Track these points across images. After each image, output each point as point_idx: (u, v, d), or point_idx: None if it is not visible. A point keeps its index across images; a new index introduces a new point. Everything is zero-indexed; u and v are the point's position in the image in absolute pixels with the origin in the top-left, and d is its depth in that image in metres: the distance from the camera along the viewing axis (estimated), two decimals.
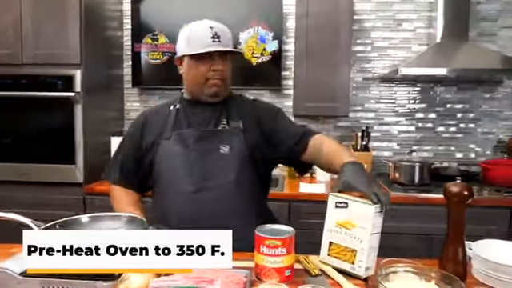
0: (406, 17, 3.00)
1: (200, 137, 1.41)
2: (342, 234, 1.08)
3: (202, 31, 1.35)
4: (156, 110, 1.55)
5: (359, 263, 1.05)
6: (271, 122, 1.48)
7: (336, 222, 1.08)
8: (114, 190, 1.54)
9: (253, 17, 2.97)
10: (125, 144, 1.55)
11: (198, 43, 1.34)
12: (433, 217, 2.39)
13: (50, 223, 1.15)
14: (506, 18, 2.92)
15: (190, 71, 1.40)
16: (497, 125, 3.01)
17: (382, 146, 3.09)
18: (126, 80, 3.16)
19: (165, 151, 1.41)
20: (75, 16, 2.52)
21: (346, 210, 1.07)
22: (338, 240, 1.08)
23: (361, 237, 1.04)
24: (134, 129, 1.53)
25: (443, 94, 3.03)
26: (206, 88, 1.40)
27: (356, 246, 1.05)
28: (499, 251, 1.19)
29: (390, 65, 3.04)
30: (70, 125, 2.57)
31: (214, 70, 1.37)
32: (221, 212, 1.35)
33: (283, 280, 1.05)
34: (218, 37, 1.34)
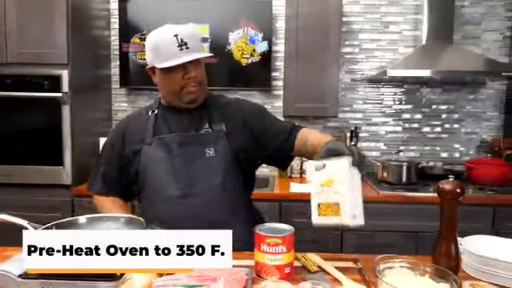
0: (392, 19, 3.05)
1: (183, 141, 1.38)
2: (325, 192, 1.10)
3: (168, 41, 1.29)
4: (134, 116, 1.51)
5: (344, 214, 1.07)
6: (260, 122, 1.47)
7: (319, 183, 1.11)
8: (99, 200, 1.50)
9: (242, 17, 2.98)
10: (105, 153, 1.51)
11: (165, 54, 1.30)
12: (420, 215, 2.46)
13: (47, 225, 1.14)
14: (489, 21, 3.01)
15: (164, 82, 1.38)
16: (480, 125, 3.10)
17: (370, 146, 3.14)
18: (114, 80, 3.12)
19: (148, 157, 1.38)
20: (62, 14, 2.48)
21: (324, 170, 1.10)
22: (323, 199, 1.10)
23: (341, 190, 1.07)
24: (114, 137, 1.48)
25: (429, 95, 3.10)
26: (183, 96, 1.37)
27: (338, 199, 1.07)
28: (487, 246, 1.24)
29: (377, 66, 3.09)
30: (57, 126, 2.52)
31: (188, 78, 1.34)
32: (209, 216, 1.34)
33: (283, 277, 1.07)
34: (184, 43, 1.29)
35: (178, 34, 1.29)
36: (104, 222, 1.20)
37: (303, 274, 1.13)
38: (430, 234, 2.35)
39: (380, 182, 2.75)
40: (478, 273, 1.15)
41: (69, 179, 2.56)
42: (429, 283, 1.01)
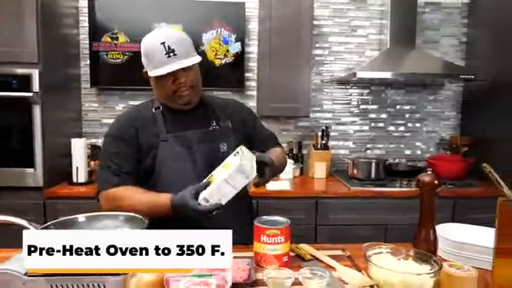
0: (360, 24, 3.20)
1: (202, 138, 1.44)
2: (219, 169, 1.22)
3: (156, 49, 1.32)
4: (136, 113, 1.50)
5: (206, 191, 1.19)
6: (253, 126, 1.61)
7: (224, 162, 1.23)
8: (115, 192, 1.39)
9: (216, 18, 3.01)
10: (115, 148, 1.44)
11: (154, 62, 1.34)
12: (388, 208, 2.61)
13: (45, 224, 1.13)
14: (446, 27, 3.23)
15: (157, 87, 1.43)
16: (439, 124, 3.31)
17: (339, 144, 3.27)
18: (84, 80, 3.06)
19: (165, 153, 1.40)
20: (31, 12, 2.41)
21: (233, 158, 1.21)
22: (215, 173, 1.23)
23: (220, 175, 1.19)
24: (123, 131, 1.44)
25: (393, 96, 3.27)
26: (176, 99, 1.41)
27: (215, 179, 1.19)
28: (457, 232, 1.38)
29: (345, 68, 3.22)
30: (27, 126, 2.45)
31: (179, 83, 1.37)
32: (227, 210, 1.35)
33: (282, 265, 1.14)
34: (172, 51, 1.31)
35: (165, 42, 1.32)
36: (103, 220, 1.20)
37: (298, 262, 1.20)
38: (398, 227, 2.53)
39: (350, 178, 2.89)
40: (451, 256, 1.28)
41: (40, 181, 2.49)
42: (413, 265, 1.12)
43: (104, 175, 1.42)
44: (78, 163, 2.66)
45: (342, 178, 2.90)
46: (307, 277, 1.03)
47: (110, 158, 1.42)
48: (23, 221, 1.13)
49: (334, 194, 2.63)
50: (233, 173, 1.16)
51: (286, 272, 1.05)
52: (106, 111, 3.13)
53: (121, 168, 1.40)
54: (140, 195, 1.35)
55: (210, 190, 1.17)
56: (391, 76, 2.76)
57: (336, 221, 2.61)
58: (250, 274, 1.05)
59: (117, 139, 1.44)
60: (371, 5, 3.18)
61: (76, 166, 2.66)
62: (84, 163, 2.69)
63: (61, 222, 1.16)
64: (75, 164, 2.66)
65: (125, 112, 1.56)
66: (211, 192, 1.17)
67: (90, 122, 3.13)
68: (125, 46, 2.97)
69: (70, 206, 2.46)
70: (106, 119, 3.13)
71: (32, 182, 2.49)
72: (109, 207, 1.36)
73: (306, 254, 1.25)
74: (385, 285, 1.02)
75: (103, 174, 1.43)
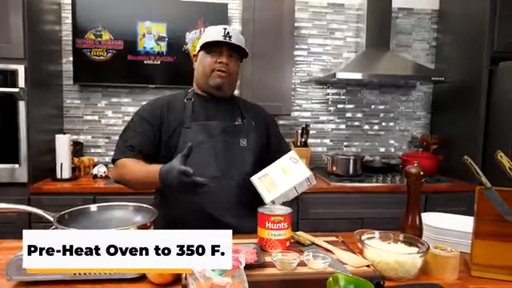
0: (337, 26, 3.34)
1: (224, 129, 1.54)
2: (278, 173, 1.33)
3: (217, 30, 1.51)
4: (169, 100, 1.60)
5: (271, 195, 1.30)
6: (275, 133, 1.75)
7: (281, 166, 1.35)
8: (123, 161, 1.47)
9: (199, 18, 3.07)
10: (139, 127, 1.52)
11: (211, 37, 1.50)
12: (365, 203, 2.75)
13: (60, 213, 1.18)
14: (418, 32, 3.43)
15: (200, 63, 1.55)
16: (411, 123, 3.51)
17: (317, 142, 3.41)
18: (67, 76, 3.05)
19: (188, 139, 1.46)
20: (17, 8, 2.41)
21: (293, 164, 1.35)
22: (273, 175, 1.34)
23: (287, 182, 1.31)
24: (152, 114, 1.53)
25: (368, 96, 3.44)
26: (211, 79, 1.53)
27: (279, 185, 1.31)
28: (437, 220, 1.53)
29: (323, 69, 3.36)
30: (12, 122, 2.44)
31: (220, 62, 1.50)
32: (239, 199, 1.51)
33: (285, 249, 1.23)
34: (229, 36, 1.49)
35: (226, 28, 1.51)
36: (114, 210, 1.27)
37: (299, 247, 1.30)
38: (373, 220, 2.68)
39: (329, 174, 3.02)
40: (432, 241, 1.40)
41: (25, 177, 2.49)
42: (402, 247, 1.24)
43: (120, 147, 1.52)
44: (62, 159, 2.67)
45: (321, 174, 3.02)
46: (309, 259, 1.13)
47: (130, 134, 1.52)
48: (40, 210, 1.18)
49: (314, 189, 2.73)
50: (304, 182, 1.31)
51: (291, 254, 1.15)
52: (87, 108, 3.13)
53: (136, 145, 1.48)
54: (139, 165, 1.42)
55: (279, 195, 1.28)
56: (367, 77, 2.91)
57: (316, 215, 2.71)
58: (258, 257, 1.14)
59: (143, 119, 1.53)
60: (348, 9, 3.33)
61: (60, 163, 2.66)
62: (68, 159, 2.70)
63: (75, 212, 1.22)
64: (59, 160, 2.66)
65: (160, 97, 1.67)
66: (279, 196, 1.29)
67: (71, 119, 3.12)
68: (108, 43, 2.99)
69: (54, 201, 2.48)
70: (89, 116, 3.13)
71: (17, 178, 2.49)
72: (115, 174, 1.48)
73: (305, 239, 1.35)
74: (380, 263, 1.14)
75: (120, 146, 1.52)
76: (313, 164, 3.28)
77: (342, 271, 1.07)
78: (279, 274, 1.08)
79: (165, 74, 3.07)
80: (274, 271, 1.09)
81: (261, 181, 1.33)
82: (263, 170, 1.36)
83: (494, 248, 1.18)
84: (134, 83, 3.07)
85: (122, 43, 3.00)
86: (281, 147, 1.71)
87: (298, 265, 1.11)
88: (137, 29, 3.02)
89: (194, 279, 0.94)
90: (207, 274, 0.94)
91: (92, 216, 1.25)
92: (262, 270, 1.09)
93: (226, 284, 0.94)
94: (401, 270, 1.13)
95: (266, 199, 1.30)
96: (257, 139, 1.60)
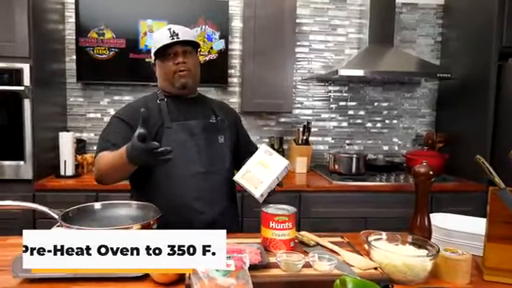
0: (339, 22, 3.32)
1: (204, 127, 1.58)
2: (258, 168, 1.41)
3: (162, 34, 1.53)
4: (143, 102, 1.60)
5: (259, 189, 1.38)
6: (242, 129, 1.81)
7: (260, 161, 1.43)
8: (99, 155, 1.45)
9: (200, 15, 3.06)
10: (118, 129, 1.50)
11: (159, 42, 1.51)
12: (367, 202, 2.73)
13: (65, 210, 1.18)
14: (422, 27, 3.39)
15: (160, 70, 1.59)
16: (415, 121, 3.47)
17: (318, 140, 3.39)
18: (70, 75, 3.05)
19: (171, 139, 1.50)
20: (22, 7, 2.42)
21: (269, 157, 1.44)
22: (254, 171, 1.42)
23: (269, 175, 1.39)
24: (130, 116, 1.51)
25: (371, 94, 3.41)
26: (175, 81, 1.55)
27: (263, 179, 1.39)
28: (445, 221, 1.50)
29: (324, 66, 3.34)
30: (17, 120, 2.46)
31: (178, 63, 1.53)
32: (222, 193, 1.58)
33: (289, 249, 1.22)
34: (176, 34, 1.50)
35: (171, 28, 1.52)
36: (118, 207, 1.26)
37: (303, 247, 1.29)
38: (377, 220, 2.65)
39: (331, 172, 3.00)
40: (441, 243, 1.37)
41: (29, 174, 2.50)
42: (411, 249, 1.22)
43: (99, 147, 1.50)
44: (66, 157, 2.68)
45: (323, 173, 3.01)
46: (315, 260, 1.12)
47: (110, 135, 1.50)
48: (45, 208, 1.18)
49: (315, 188, 2.72)
50: (283, 171, 1.40)
51: (296, 255, 1.13)
52: (90, 106, 3.13)
53: (114, 144, 1.43)
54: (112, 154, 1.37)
55: (266, 188, 1.36)
56: (370, 74, 2.88)
57: (318, 214, 2.70)
58: (262, 257, 1.13)
59: (122, 121, 1.52)
60: (351, 4, 3.30)
61: (64, 160, 2.67)
62: (71, 157, 2.71)
63: (79, 209, 1.22)
64: (63, 157, 2.68)
65: (135, 100, 1.70)
66: (266, 189, 1.36)
67: (75, 117, 3.12)
68: (111, 41, 2.98)
69: (58, 198, 2.49)
70: (91, 113, 3.14)
71: (22, 175, 2.51)
72: (95, 173, 1.45)
73: (310, 240, 1.34)
74: (388, 266, 1.12)
75: (101, 146, 1.49)
76: (314, 162, 3.26)
77: (349, 273, 1.06)
78: (284, 276, 1.07)
79: None
80: (278, 272, 1.08)
81: (244, 178, 1.40)
82: (243, 168, 1.43)
83: (507, 251, 1.15)
84: (136, 81, 3.06)
85: (124, 42, 2.99)
86: (248, 141, 1.83)
87: (304, 266, 1.10)
88: (138, 27, 3.00)
89: (198, 279, 0.94)
90: (211, 275, 0.93)
91: (96, 214, 1.26)
92: (266, 270, 1.09)
93: (230, 285, 0.93)
94: (410, 273, 1.11)
95: (255, 194, 1.36)
96: (231, 136, 1.67)
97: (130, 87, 3.12)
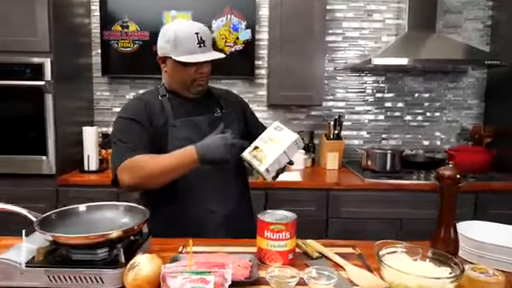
0: (375, 7, 3.07)
1: (211, 122, 1.49)
2: (268, 143, 1.33)
3: (189, 37, 1.39)
4: (145, 99, 1.51)
5: (263, 164, 1.28)
6: (251, 117, 1.72)
7: (269, 137, 1.34)
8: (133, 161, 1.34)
9: (226, 5, 2.94)
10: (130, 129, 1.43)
11: (185, 48, 1.39)
12: (403, 202, 2.51)
13: (47, 213, 1.12)
14: (470, 10, 3.06)
15: (176, 73, 1.46)
16: (461, 113, 3.16)
17: (352, 134, 3.17)
18: (96, 69, 3.04)
19: (176, 137, 1.43)
20: (43, 2, 2.41)
21: (279, 132, 1.35)
22: (262, 146, 1.33)
23: (276, 149, 1.30)
24: (138, 115, 1.44)
25: (411, 84, 3.14)
26: (192, 88, 1.47)
27: (269, 153, 1.30)
28: (480, 231, 1.27)
29: (360, 55, 3.11)
30: (40, 115, 2.46)
31: (200, 72, 1.44)
32: (233, 191, 1.53)
33: (286, 263, 1.07)
34: (203, 42, 1.40)
35: (198, 33, 1.40)
36: (104, 210, 1.19)
37: (305, 260, 1.14)
38: (415, 221, 2.43)
39: (364, 169, 2.79)
40: (473, 257, 1.18)
41: (53, 169, 2.51)
42: (430, 267, 1.03)
43: (120, 151, 1.39)
44: (90, 151, 2.67)
45: (355, 170, 2.81)
46: (313, 277, 0.97)
47: (124, 137, 1.41)
48: (24, 210, 1.11)
49: (346, 186, 2.54)
50: (291, 145, 1.30)
51: (290, 271, 0.99)
52: (116, 99, 3.12)
53: (137, 144, 1.38)
54: (162, 156, 1.33)
55: (272, 162, 1.27)
56: (409, 62, 2.64)
57: (348, 214, 2.52)
58: (251, 272, 0.99)
59: (131, 120, 1.43)
60: None
61: (87, 155, 2.66)
62: (95, 151, 2.70)
63: (62, 212, 1.15)
64: (87, 152, 2.67)
65: (135, 97, 1.58)
66: (272, 163, 1.28)
67: (101, 111, 3.12)
68: (135, 34, 2.94)
69: (81, 193, 2.49)
70: (117, 108, 3.12)
71: (45, 170, 2.51)
72: (130, 177, 1.32)
73: (314, 251, 1.18)
74: (399, 287, 0.95)
75: (119, 151, 1.40)
76: (347, 158, 3.06)
77: None
78: None
79: None
80: None
81: (251, 154, 1.32)
82: (252, 145, 1.35)
83: None
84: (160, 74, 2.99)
85: (147, 34, 2.94)
86: (259, 128, 1.66)
87: (298, 284, 0.95)
88: (162, 19, 2.93)
89: None
90: None
91: (80, 217, 1.18)
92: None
93: None
94: None
95: (260, 169, 1.28)
96: (239, 128, 1.57)
97: (154, 80, 3.05)
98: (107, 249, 1.03)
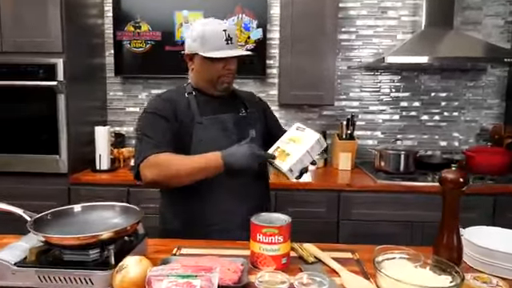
0: (390, 4, 2.99)
1: (236, 121, 1.51)
2: (290, 144, 1.33)
3: (217, 34, 1.42)
4: (171, 95, 1.53)
5: (286, 163, 1.29)
6: (271, 116, 1.74)
7: (291, 137, 1.35)
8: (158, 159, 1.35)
9: (237, 4, 2.92)
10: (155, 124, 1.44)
11: (213, 45, 1.41)
12: (417, 204, 2.44)
13: (42, 213, 1.12)
14: (490, 6, 2.95)
15: (204, 70, 1.47)
16: (480, 113, 3.05)
17: (366, 134, 3.11)
18: (109, 69, 3.07)
19: (202, 134, 1.44)
20: (55, 2, 2.44)
21: (301, 133, 1.36)
22: (284, 146, 1.34)
23: (298, 149, 1.30)
24: (165, 111, 1.45)
25: (427, 83, 3.05)
26: (219, 85, 1.49)
27: (291, 153, 1.30)
28: (489, 237, 1.21)
29: (374, 53, 3.04)
30: (52, 114, 2.50)
31: (227, 69, 1.46)
32: (254, 192, 1.52)
33: (280, 267, 1.05)
34: (230, 39, 1.43)
35: (226, 30, 1.42)
36: (99, 210, 1.19)
37: (300, 264, 1.11)
38: (428, 224, 2.35)
39: (377, 170, 2.72)
40: (479, 264, 1.13)
41: (65, 168, 2.54)
42: (430, 275, 0.99)
43: (144, 147, 1.40)
44: (101, 151, 2.69)
45: (368, 171, 2.74)
46: (303, 283, 0.93)
47: (150, 132, 1.42)
48: (19, 210, 1.12)
49: (358, 187, 2.49)
50: (314, 144, 1.31)
51: (280, 276, 0.96)
52: (130, 99, 3.14)
53: (161, 141, 1.40)
54: (188, 158, 1.36)
55: (295, 162, 1.28)
56: (425, 61, 2.56)
57: (359, 216, 2.47)
58: (241, 277, 0.97)
59: (157, 115, 1.44)
60: None
61: (99, 154, 2.69)
62: (107, 151, 2.72)
63: (57, 212, 1.15)
64: (98, 151, 2.69)
65: (161, 94, 1.59)
66: (295, 163, 1.28)
67: (114, 110, 3.15)
68: (147, 34, 2.95)
69: (93, 192, 2.51)
70: (131, 107, 3.15)
71: (57, 169, 2.55)
72: (154, 173, 1.33)
73: (309, 255, 1.14)
74: None
75: (143, 146, 1.40)
76: (360, 159, 2.99)
77: None
78: None
79: None
80: None
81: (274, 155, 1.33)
82: (274, 145, 1.36)
83: None
84: (172, 74, 3.01)
85: (159, 34, 2.95)
86: (279, 128, 1.72)
87: None
88: (174, 19, 2.94)
89: None
90: None
91: (75, 217, 1.18)
92: None
93: None
94: None
95: (283, 169, 1.28)
96: (261, 128, 1.60)
97: (167, 80, 3.07)
98: (99, 250, 1.02)
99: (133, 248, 1.10)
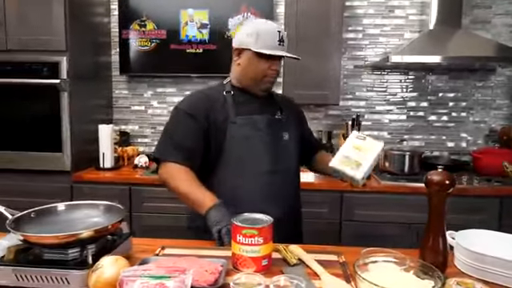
0: (398, 3, 2.94)
1: (270, 123, 1.51)
2: (354, 152, 1.36)
3: (272, 33, 1.43)
4: (208, 93, 1.54)
5: (360, 171, 1.32)
6: (305, 124, 1.76)
7: (354, 146, 1.37)
8: (172, 169, 1.43)
9: (243, 2, 2.91)
10: (183, 123, 1.47)
11: (266, 43, 1.42)
12: (422, 206, 2.35)
13: (26, 211, 1.13)
14: (499, 5, 2.87)
15: (251, 66, 1.47)
16: (489, 114, 2.98)
17: (372, 134, 3.02)
18: (114, 67, 3.10)
19: (235, 134, 1.45)
20: (60, 1, 2.47)
21: (362, 141, 1.38)
22: (350, 155, 1.36)
23: (368, 157, 1.34)
24: (195, 110, 1.47)
25: (435, 83, 2.99)
26: (262, 84, 1.49)
27: (362, 161, 1.33)
28: (482, 241, 1.18)
29: (381, 52, 2.99)
30: (56, 112, 2.53)
31: (273, 69, 1.47)
32: (287, 194, 1.52)
33: (260, 269, 1.03)
34: (283, 40, 1.45)
35: (280, 31, 1.45)
36: (83, 209, 1.19)
37: (282, 266, 1.09)
38: None
39: (381, 171, 2.68)
40: (469, 268, 1.10)
41: (68, 165, 2.57)
42: (412, 279, 0.96)
43: (165, 144, 1.48)
44: (105, 149, 2.72)
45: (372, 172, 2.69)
46: (280, 285, 0.92)
47: (175, 130, 1.48)
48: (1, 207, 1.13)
49: (361, 188, 2.43)
50: (380, 152, 1.37)
51: (257, 278, 0.94)
52: (135, 98, 3.16)
53: (183, 143, 1.44)
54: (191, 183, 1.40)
55: (367, 169, 1.32)
56: (433, 60, 2.52)
57: (362, 217, 2.44)
58: (218, 278, 0.96)
59: (186, 114, 1.47)
60: None
61: (103, 152, 2.71)
62: (110, 149, 2.74)
63: (41, 210, 1.16)
64: (102, 150, 2.72)
65: (198, 90, 1.61)
66: (367, 171, 1.32)
67: (120, 109, 3.18)
68: (152, 33, 2.97)
69: (95, 190, 2.54)
70: (136, 106, 3.17)
71: (60, 166, 2.58)
72: (161, 177, 1.46)
73: (293, 257, 1.13)
74: None
75: (164, 143, 1.48)
76: None
77: None
78: None
79: (207, 63, 2.96)
80: None
81: (342, 163, 1.35)
82: (338, 155, 1.38)
83: None
84: (177, 72, 3.02)
85: (164, 32, 2.96)
86: (311, 137, 1.79)
87: None
88: (179, 17, 2.94)
89: None
90: None
91: (58, 216, 1.18)
92: None
93: None
94: None
95: (356, 176, 1.31)
96: (295, 132, 1.60)
97: (172, 79, 3.09)
98: (79, 249, 1.02)
99: (115, 247, 1.10)
